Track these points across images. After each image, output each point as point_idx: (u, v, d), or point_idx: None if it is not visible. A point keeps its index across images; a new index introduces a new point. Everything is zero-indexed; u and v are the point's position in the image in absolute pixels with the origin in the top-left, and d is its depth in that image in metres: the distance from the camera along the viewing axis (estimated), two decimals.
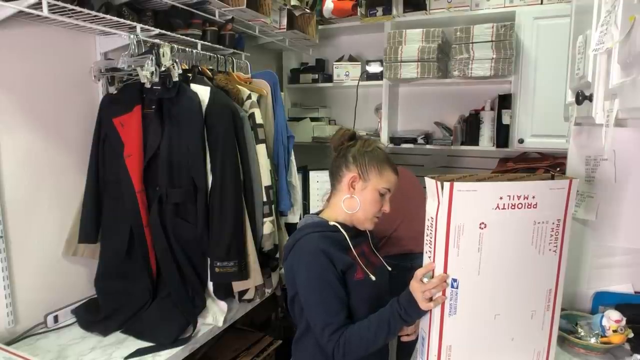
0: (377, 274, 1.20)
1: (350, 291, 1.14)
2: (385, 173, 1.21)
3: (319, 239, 1.15)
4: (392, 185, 1.21)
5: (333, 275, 1.11)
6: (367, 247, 1.29)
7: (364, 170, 1.20)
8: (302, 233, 1.19)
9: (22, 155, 1.42)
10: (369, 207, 1.20)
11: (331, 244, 1.15)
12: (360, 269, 1.17)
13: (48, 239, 1.52)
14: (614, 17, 0.80)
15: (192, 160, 1.50)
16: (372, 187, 1.20)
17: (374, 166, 1.20)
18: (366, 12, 2.55)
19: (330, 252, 1.13)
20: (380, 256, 1.32)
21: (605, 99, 0.87)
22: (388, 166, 1.22)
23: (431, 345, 1.01)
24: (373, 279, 1.17)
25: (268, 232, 1.70)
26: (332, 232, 1.19)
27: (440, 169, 2.68)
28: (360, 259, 1.20)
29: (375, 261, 1.27)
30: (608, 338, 1.13)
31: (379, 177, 1.20)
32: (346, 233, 1.19)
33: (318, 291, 1.12)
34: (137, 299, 1.55)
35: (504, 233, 0.95)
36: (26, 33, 1.41)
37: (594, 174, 1.27)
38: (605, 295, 1.29)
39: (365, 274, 1.17)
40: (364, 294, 1.16)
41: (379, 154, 1.23)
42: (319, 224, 1.21)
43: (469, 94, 2.57)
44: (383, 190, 1.20)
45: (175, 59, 1.53)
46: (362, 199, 1.20)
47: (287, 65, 2.96)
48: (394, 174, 1.22)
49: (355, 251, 1.20)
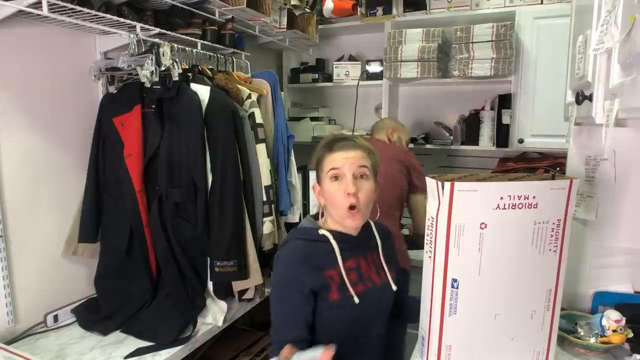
0: (369, 295, 1.09)
1: (322, 312, 1.05)
2: (327, 156, 1.09)
3: (300, 248, 1.08)
4: (338, 162, 1.06)
5: (296, 291, 1.03)
6: (367, 261, 1.15)
7: (317, 170, 1.12)
8: (290, 237, 1.13)
9: (21, 155, 1.42)
10: (331, 199, 1.08)
11: (313, 256, 1.06)
12: (338, 290, 1.05)
13: (48, 238, 1.52)
14: (614, 17, 0.79)
15: (192, 159, 1.50)
16: (323, 179, 1.10)
17: (318, 157, 1.11)
18: (366, 11, 2.55)
19: (305, 266, 1.04)
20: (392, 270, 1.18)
21: (605, 99, 0.87)
22: (327, 148, 1.10)
23: (431, 345, 1.01)
24: (356, 301, 1.05)
25: (268, 231, 1.70)
26: (320, 241, 1.09)
27: (440, 169, 2.68)
28: (350, 275, 1.08)
29: (374, 278, 1.14)
30: (608, 338, 1.13)
31: (324, 165, 1.09)
32: (342, 243, 1.09)
33: (277, 303, 1.06)
34: (137, 298, 1.55)
35: (504, 233, 0.94)
36: (26, 32, 1.40)
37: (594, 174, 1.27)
38: (605, 295, 1.29)
39: (344, 296, 1.05)
40: (340, 316, 1.06)
41: (321, 143, 1.14)
42: (309, 230, 1.12)
43: (469, 94, 2.58)
44: (332, 173, 1.07)
45: (175, 59, 1.53)
46: (325, 196, 1.10)
47: (287, 65, 2.96)
48: (338, 151, 1.08)
49: (347, 265, 1.08)
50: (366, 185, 1.07)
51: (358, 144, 1.11)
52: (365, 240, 1.16)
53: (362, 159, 1.08)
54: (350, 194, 1.04)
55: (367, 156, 1.10)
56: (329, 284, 1.05)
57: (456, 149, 2.48)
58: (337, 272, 1.07)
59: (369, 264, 1.15)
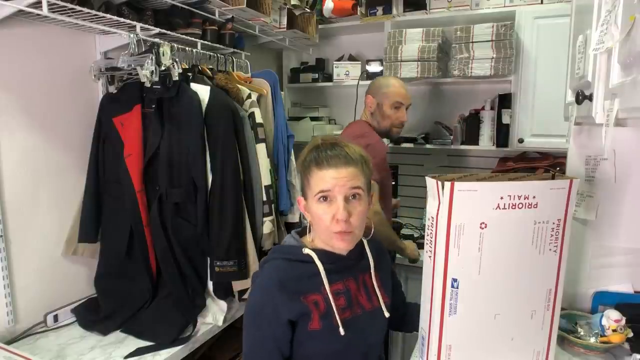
0: (356, 323, 0.99)
1: (300, 343, 0.96)
2: (315, 172, 0.97)
3: (278, 271, 0.99)
4: (327, 183, 0.95)
5: (270, 319, 0.94)
6: (357, 284, 1.05)
7: (302, 180, 1.02)
8: (270, 256, 1.04)
9: (21, 154, 1.42)
10: (318, 220, 0.98)
11: (292, 280, 0.97)
12: (321, 318, 0.96)
13: (48, 238, 1.52)
14: (614, 17, 0.79)
15: (192, 159, 1.50)
16: (310, 196, 0.99)
17: (304, 166, 1.00)
18: (366, 11, 2.55)
19: (282, 293, 0.94)
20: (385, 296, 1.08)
21: (605, 99, 0.87)
22: (314, 161, 0.97)
23: (431, 345, 1.01)
24: (341, 332, 0.95)
25: (268, 231, 1.70)
26: (303, 262, 0.99)
27: (440, 169, 2.68)
28: (337, 299, 0.98)
29: (364, 303, 1.04)
30: (608, 337, 1.13)
31: (311, 182, 0.98)
32: (329, 263, 1.00)
33: (249, 329, 0.98)
34: (136, 298, 1.55)
35: (504, 233, 0.94)
36: (26, 32, 1.40)
37: (594, 173, 1.27)
38: (605, 295, 1.28)
39: (327, 324, 0.96)
40: (322, 345, 0.97)
41: (308, 147, 1.02)
42: (292, 249, 1.03)
43: (469, 94, 2.58)
44: (320, 195, 0.96)
45: (175, 58, 1.53)
46: (311, 215, 1.00)
47: (287, 65, 2.96)
48: (328, 168, 0.96)
49: (334, 288, 0.99)
50: (359, 207, 0.97)
51: (351, 156, 0.97)
52: (356, 261, 1.06)
53: (354, 179, 0.96)
54: (341, 220, 0.94)
55: (361, 172, 0.98)
56: (309, 311, 0.95)
57: (456, 149, 2.48)
58: (322, 297, 0.97)
59: (360, 287, 1.05)
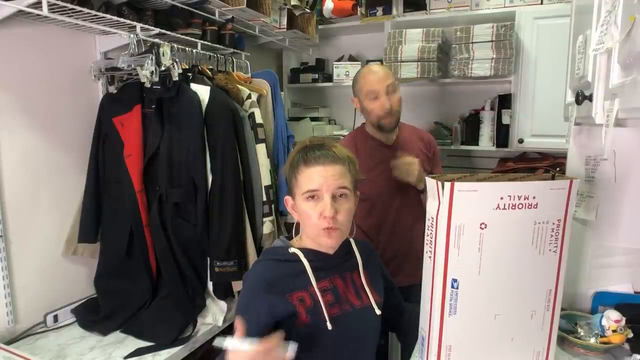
0: (346, 319, 1.00)
1: (291, 338, 0.93)
2: (303, 170, 1.00)
3: (266, 271, 1.01)
4: (315, 181, 0.98)
5: (257, 316, 0.95)
6: (345, 281, 1.06)
7: (290, 180, 1.04)
8: (260, 258, 1.07)
9: (21, 154, 1.42)
10: (306, 218, 1.01)
11: (279, 280, 0.99)
12: (308, 314, 0.97)
13: (48, 238, 1.52)
14: (614, 17, 0.79)
15: (192, 159, 1.50)
16: (297, 194, 1.02)
17: (292, 166, 1.03)
18: (366, 11, 2.55)
19: (268, 293, 0.97)
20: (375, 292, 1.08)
21: (605, 99, 0.87)
22: (302, 160, 1.00)
23: (431, 345, 1.01)
24: (329, 327, 0.96)
25: (268, 231, 1.71)
26: (290, 261, 1.02)
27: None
28: (326, 296, 1.00)
29: (353, 300, 1.05)
30: (607, 338, 1.13)
31: (299, 180, 1.01)
32: (316, 262, 1.02)
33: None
34: (136, 298, 1.55)
35: (504, 233, 0.94)
36: (26, 32, 1.40)
37: (594, 174, 1.27)
38: (605, 295, 1.28)
39: (315, 320, 0.97)
40: (310, 344, 0.96)
41: (296, 148, 1.05)
42: (279, 250, 1.06)
43: (469, 94, 2.58)
44: (309, 194, 0.99)
45: (175, 59, 1.53)
46: (299, 213, 1.03)
47: (287, 65, 2.96)
48: (315, 165, 0.99)
49: (321, 285, 1.01)
50: (346, 204, 1.00)
51: (337, 155, 1.01)
52: (343, 260, 1.08)
53: (341, 178, 0.99)
54: (328, 217, 0.97)
55: (348, 171, 1.01)
56: (294, 309, 0.97)
57: (456, 149, 2.48)
58: (308, 294, 0.99)
59: (348, 284, 1.06)
